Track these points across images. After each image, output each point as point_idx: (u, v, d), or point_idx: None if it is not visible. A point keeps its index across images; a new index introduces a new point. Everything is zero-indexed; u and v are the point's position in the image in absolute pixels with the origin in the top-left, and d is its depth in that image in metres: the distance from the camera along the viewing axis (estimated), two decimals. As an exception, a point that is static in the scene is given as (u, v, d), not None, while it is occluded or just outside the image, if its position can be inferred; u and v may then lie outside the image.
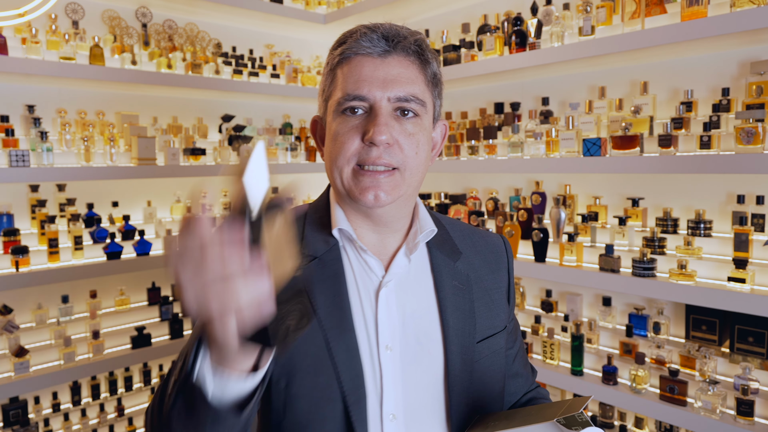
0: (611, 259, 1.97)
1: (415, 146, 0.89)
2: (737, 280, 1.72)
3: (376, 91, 0.87)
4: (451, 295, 0.96)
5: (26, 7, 2.19)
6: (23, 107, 2.44)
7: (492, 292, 1.02)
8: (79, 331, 2.48)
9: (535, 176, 2.52)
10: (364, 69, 0.88)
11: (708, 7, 1.75)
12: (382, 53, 0.88)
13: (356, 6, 2.97)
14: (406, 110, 0.88)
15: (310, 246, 0.94)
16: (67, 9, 2.55)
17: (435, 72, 0.93)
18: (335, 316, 0.89)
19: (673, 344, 2.05)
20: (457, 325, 0.95)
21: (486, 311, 1.00)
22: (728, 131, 1.83)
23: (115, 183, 2.71)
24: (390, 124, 0.87)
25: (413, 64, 0.90)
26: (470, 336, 0.95)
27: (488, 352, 0.98)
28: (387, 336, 0.90)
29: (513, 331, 1.10)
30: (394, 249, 0.97)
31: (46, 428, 2.35)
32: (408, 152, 0.88)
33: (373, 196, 0.87)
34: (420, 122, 0.90)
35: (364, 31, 0.89)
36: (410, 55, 0.89)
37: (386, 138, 0.85)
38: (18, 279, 2.14)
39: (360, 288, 0.93)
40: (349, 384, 0.86)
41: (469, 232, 1.07)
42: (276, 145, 3.08)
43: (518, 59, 2.24)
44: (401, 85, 0.87)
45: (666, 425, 2.02)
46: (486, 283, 1.02)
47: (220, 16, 2.97)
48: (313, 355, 0.87)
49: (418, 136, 0.89)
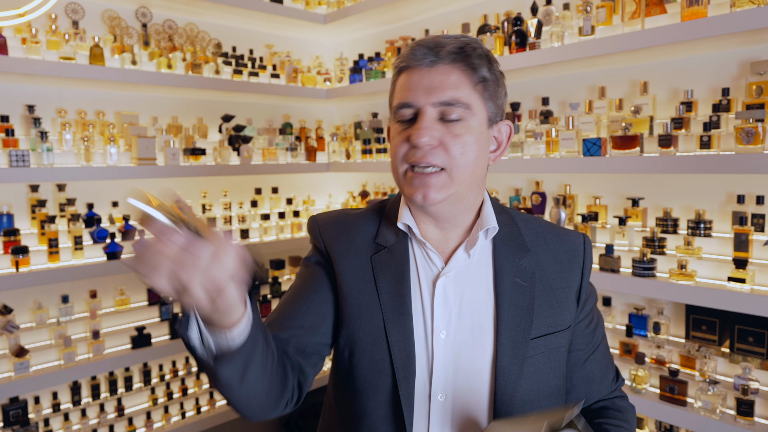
0: (611, 259, 1.97)
1: (461, 147, 0.94)
2: (737, 280, 1.72)
3: (420, 98, 0.95)
4: (509, 291, 1.01)
5: (26, 7, 2.19)
6: (23, 107, 2.44)
7: (558, 291, 1.04)
8: (79, 331, 2.48)
9: (535, 176, 2.52)
10: (411, 79, 0.97)
11: (708, 7, 1.75)
12: (429, 64, 0.95)
13: (356, 6, 2.97)
14: (450, 114, 0.94)
15: (382, 237, 1.07)
16: (67, 9, 2.55)
17: (484, 76, 0.97)
18: (394, 301, 1.01)
19: (673, 344, 2.05)
20: (511, 320, 0.99)
21: (548, 309, 1.02)
22: (728, 131, 1.83)
23: (115, 183, 2.70)
24: (433, 127, 0.94)
25: (457, 70, 0.95)
26: (525, 332, 0.99)
27: (545, 349, 1.01)
28: (442, 323, 0.99)
29: (587, 333, 1.09)
30: (456, 243, 1.04)
31: (46, 428, 2.35)
32: (454, 152, 0.94)
33: (421, 195, 0.95)
34: (466, 125, 0.95)
35: (416, 46, 0.97)
36: (454, 62, 0.95)
37: (427, 140, 0.93)
38: (18, 279, 2.14)
39: (421, 277, 1.02)
40: (400, 362, 0.97)
41: (545, 230, 1.10)
42: (276, 145, 3.08)
43: (518, 59, 2.24)
44: (443, 91, 0.94)
45: (666, 425, 2.02)
46: (553, 281, 1.04)
47: (220, 16, 2.97)
48: (372, 333, 1.00)
49: (465, 138, 0.95)
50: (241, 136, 2.90)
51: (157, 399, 2.67)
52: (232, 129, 2.93)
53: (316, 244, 1.12)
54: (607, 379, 1.12)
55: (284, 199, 3.23)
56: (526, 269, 1.03)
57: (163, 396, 2.71)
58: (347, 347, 1.03)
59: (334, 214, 1.14)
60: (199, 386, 2.83)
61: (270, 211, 3.15)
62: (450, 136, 0.94)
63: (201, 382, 2.83)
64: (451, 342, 0.99)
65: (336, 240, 1.09)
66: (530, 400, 0.99)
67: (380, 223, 1.09)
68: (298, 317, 1.05)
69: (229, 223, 2.91)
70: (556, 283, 1.05)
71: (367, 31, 3.35)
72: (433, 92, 0.94)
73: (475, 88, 0.96)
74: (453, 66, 0.95)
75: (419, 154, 0.94)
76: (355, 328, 1.02)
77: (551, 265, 1.06)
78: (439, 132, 0.94)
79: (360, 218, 1.11)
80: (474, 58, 0.96)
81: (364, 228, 1.09)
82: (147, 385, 2.65)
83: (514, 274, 1.02)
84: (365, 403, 1.00)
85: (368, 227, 1.09)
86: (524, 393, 0.98)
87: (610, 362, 1.14)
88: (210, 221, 2.83)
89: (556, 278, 1.05)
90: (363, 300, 1.03)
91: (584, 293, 1.08)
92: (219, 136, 3.02)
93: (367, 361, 1.00)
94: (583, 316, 1.09)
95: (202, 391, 2.82)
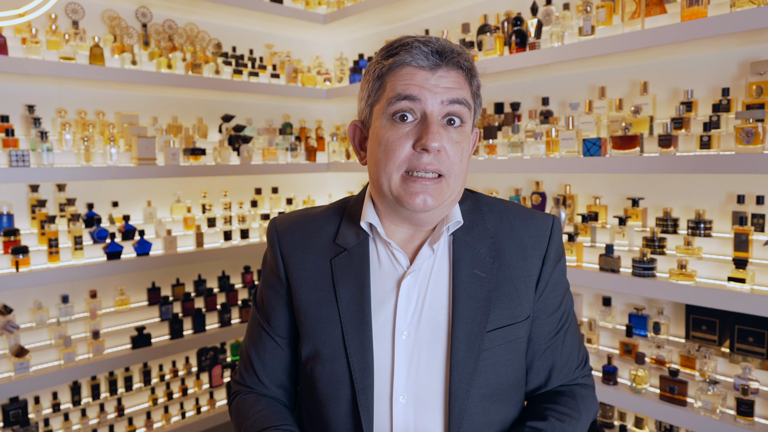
0: (611, 259, 1.97)
1: (459, 153, 0.93)
2: (737, 280, 1.72)
3: (427, 94, 0.91)
4: (466, 284, 0.98)
5: (26, 7, 2.19)
6: (23, 107, 2.44)
7: (517, 281, 1.01)
8: (79, 331, 2.48)
9: (535, 176, 2.52)
10: (416, 77, 0.92)
11: (708, 7, 1.75)
12: (434, 66, 0.92)
13: (356, 6, 2.97)
14: (452, 119, 0.93)
15: (342, 238, 1.04)
16: (67, 9, 2.55)
17: (479, 84, 0.99)
18: (354, 310, 0.98)
19: (673, 344, 2.05)
20: (466, 314, 0.97)
21: (507, 300, 0.99)
22: (728, 131, 1.83)
23: (115, 183, 2.71)
24: (440, 131, 0.91)
25: (461, 75, 0.94)
26: (480, 325, 0.97)
27: (502, 341, 0.98)
28: (404, 324, 0.98)
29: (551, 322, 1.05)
30: (421, 241, 1.02)
31: (46, 428, 2.35)
32: (454, 159, 0.92)
33: (422, 200, 0.92)
34: (463, 131, 0.95)
35: (418, 45, 0.92)
36: (459, 68, 0.94)
37: (438, 145, 0.90)
38: (18, 279, 2.14)
39: (385, 278, 1.00)
40: (358, 373, 0.96)
41: (511, 213, 1.06)
42: (276, 145, 3.08)
43: (518, 59, 2.24)
44: (452, 90, 0.92)
45: (666, 425, 2.02)
46: (514, 270, 1.01)
47: (220, 16, 2.97)
48: (331, 345, 0.99)
49: (463, 144, 0.94)
50: (241, 136, 2.90)
51: (157, 399, 2.67)
52: (232, 129, 2.93)
53: (273, 255, 1.08)
54: (569, 366, 1.08)
55: (284, 199, 3.23)
56: (486, 259, 1.00)
57: (163, 396, 2.71)
58: (309, 361, 1.02)
59: (293, 216, 1.11)
60: (199, 386, 2.83)
61: (270, 211, 3.15)
62: (451, 142, 0.92)
63: (201, 382, 2.83)
64: (411, 342, 0.97)
65: (293, 249, 1.05)
66: (488, 394, 0.97)
67: (341, 222, 1.06)
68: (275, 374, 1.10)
69: (229, 223, 2.91)
70: (516, 272, 1.01)
71: (367, 31, 3.35)
72: (441, 91, 0.91)
73: (473, 95, 0.97)
74: (456, 71, 0.94)
75: (426, 159, 0.90)
76: (316, 342, 1.00)
77: (514, 252, 1.02)
78: (443, 137, 0.92)
79: (320, 219, 1.08)
80: (471, 67, 0.96)
81: (324, 229, 1.06)
82: (147, 385, 2.65)
83: (473, 265, 1.00)
84: (327, 414, 0.99)
85: (328, 228, 1.06)
86: (481, 387, 0.96)
87: (575, 349, 1.09)
88: (210, 221, 2.83)
89: (517, 266, 1.01)
90: (322, 313, 1.01)
91: (545, 280, 1.04)
92: (219, 136, 3.02)
93: (328, 373, 0.99)
94: (546, 304, 1.04)
95: (202, 391, 2.82)
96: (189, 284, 2.88)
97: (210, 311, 2.82)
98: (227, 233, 2.84)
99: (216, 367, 2.83)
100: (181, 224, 2.78)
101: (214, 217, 2.85)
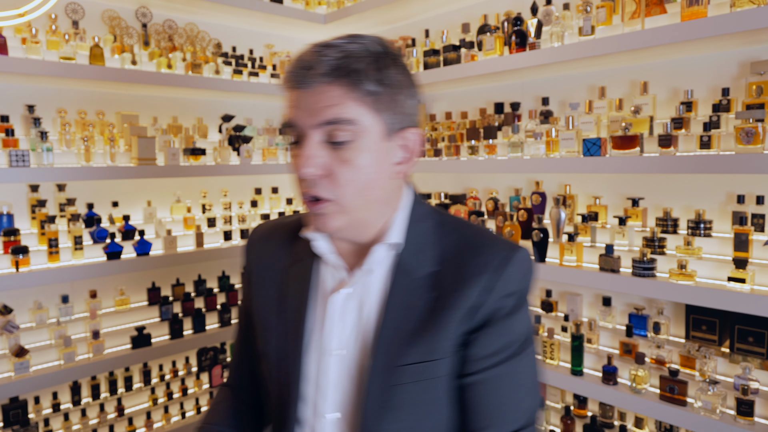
0: (611, 259, 1.97)
1: (350, 174, 0.86)
2: (737, 280, 1.72)
3: (301, 116, 0.86)
4: (396, 310, 0.91)
5: (26, 7, 2.19)
6: (23, 107, 2.44)
7: (451, 313, 0.89)
8: (79, 331, 2.48)
9: (535, 176, 2.52)
10: (293, 99, 0.88)
11: (708, 7, 1.75)
12: (305, 85, 0.85)
13: (356, 6, 2.97)
14: (336, 137, 0.85)
15: (298, 247, 1.03)
16: (67, 9, 2.55)
17: (371, 89, 0.85)
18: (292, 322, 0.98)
19: (673, 344, 2.05)
20: (388, 342, 0.90)
21: (432, 334, 0.89)
22: (728, 131, 1.83)
23: (115, 183, 2.71)
24: (318, 154, 0.85)
25: (337, 86, 0.84)
26: (397, 357, 0.89)
27: (418, 378, 0.88)
28: (334, 341, 0.95)
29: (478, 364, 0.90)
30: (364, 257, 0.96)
31: (46, 428, 2.35)
32: (341, 182, 0.86)
33: (316, 227, 0.91)
34: (356, 146, 0.86)
35: (293, 62, 0.87)
36: (335, 78, 0.84)
37: (312, 171, 0.85)
38: (18, 279, 2.14)
39: (320, 294, 0.98)
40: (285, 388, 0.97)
41: (469, 240, 0.94)
42: (276, 145, 3.08)
43: (518, 59, 2.24)
44: (323, 111, 0.84)
45: (666, 425, 2.02)
46: (450, 301, 0.89)
47: (220, 16, 2.97)
48: (271, 354, 1.00)
49: (356, 161, 0.86)
50: (241, 136, 2.90)
51: (157, 399, 2.67)
52: (232, 129, 2.93)
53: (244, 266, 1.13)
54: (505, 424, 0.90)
55: (284, 199, 3.22)
56: (424, 286, 0.91)
57: (163, 396, 2.71)
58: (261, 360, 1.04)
59: (269, 226, 1.12)
60: (199, 386, 2.83)
61: (270, 211, 3.15)
62: (338, 162, 0.85)
63: (201, 382, 2.83)
64: (341, 362, 0.94)
65: (259, 259, 1.08)
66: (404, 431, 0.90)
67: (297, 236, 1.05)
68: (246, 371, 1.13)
69: (229, 223, 2.91)
70: (453, 303, 0.89)
71: (367, 31, 3.34)
72: (313, 114, 0.85)
73: (362, 103, 0.85)
74: (332, 83, 0.84)
75: (305, 185, 0.88)
76: (262, 346, 1.02)
77: (457, 282, 0.90)
78: (325, 158, 0.86)
79: (288, 227, 1.08)
80: (357, 71, 0.84)
81: (287, 238, 1.06)
82: (147, 385, 2.65)
83: (408, 292, 0.91)
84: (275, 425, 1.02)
85: (291, 237, 1.05)
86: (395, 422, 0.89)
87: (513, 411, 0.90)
88: (210, 221, 2.83)
89: (455, 297, 0.89)
90: (269, 320, 1.01)
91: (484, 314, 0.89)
92: (219, 136, 3.02)
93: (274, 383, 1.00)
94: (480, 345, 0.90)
95: (202, 391, 2.82)
96: (189, 284, 2.88)
97: (210, 311, 2.82)
98: (227, 233, 2.84)
99: (216, 367, 2.83)
100: (181, 224, 2.78)
101: (214, 217, 2.85)
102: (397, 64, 0.90)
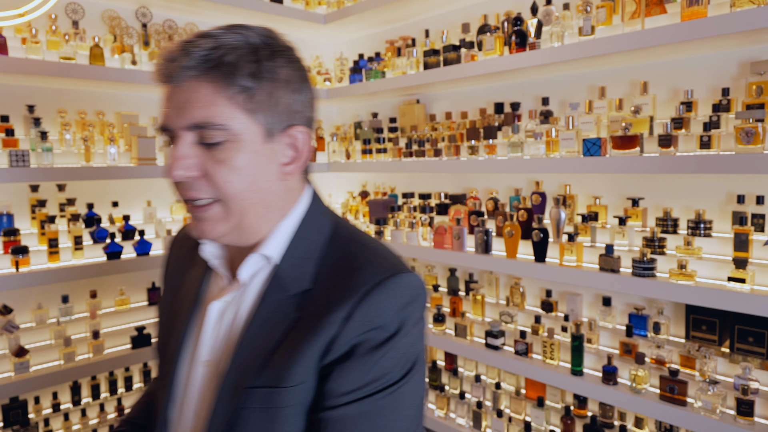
0: (611, 259, 1.97)
1: (227, 174, 0.79)
2: (737, 280, 1.72)
3: (171, 116, 0.80)
4: (258, 328, 0.84)
5: (26, 7, 2.19)
6: (23, 107, 2.44)
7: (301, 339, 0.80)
8: (79, 331, 2.48)
9: (535, 176, 2.52)
10: (164, 93, 0.82)
11: (708, 7, 1.75)
12: (173, 77, 0.79)
13: (356, 6, 2.97)
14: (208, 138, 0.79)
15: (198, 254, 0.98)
16: (67, 9, 2.55)
17: (245, 85, 0.78)
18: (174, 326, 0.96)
19: (673, 344, 2.05)
20: (241, 361, 0.83)
21: (284, 359, 0.80)
22: (728, 131, 1.83)
23: (115, 183, 2.71)
24: (190, 155, 0.80)
25: (206, 84, 0.78)
26: (246, 378, 0.81)
27: (261, 404, 0.80)
28: (204, 351, 0.90)
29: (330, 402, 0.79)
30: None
31: (46, 428, 2.35)
32: (218, 182, 0.80)
33: (197, 232, 0.85)
34: (232, 146, 0.79)
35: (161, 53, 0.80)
36: (204, 73, 0.78)
37: (183, 173, 0.79)
38: (18, 279, 2.14)
39: (206, 301, 0.94)
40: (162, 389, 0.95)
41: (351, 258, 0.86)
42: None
43: (518, 59, 2.24)
44: (190, 112, 0.78)
45: (666, 425, 2.02)
46: (307, 327, 0.81)
47: (220, 16, 2.97)
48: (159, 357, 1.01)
49: (232, 162, 0.79)
50: (241, 136, 2.90)
51: (157, 399, 2.67)
52: (232, 129, 2.93)
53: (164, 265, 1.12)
54: None
55: (284, 199, 3.22)
56: (291, 305, 0.83)
57: (163, 396, 2.71)
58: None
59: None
60: (199, 386, 2.83)
61: (270, 211, 3.15)
62: (212, 162, 0.79)
63: (201, 382, 2.83)
64: (206, 375, 0.89)
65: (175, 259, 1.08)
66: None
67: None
68: None
69: (229, 223, 2.90)
70: (311, 329, 0.80)
71: (367, 31, 3.35)
72: (182, 114, 0.79)
73: (233, 102, 0.78)
74: (200, 79, 0.78)
75: (182, 188, 0.82)
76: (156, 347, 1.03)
77: (320, 307, 0.81)
78: (198, 159, 0.80)
79: None
80: (228, 64, 0.77)
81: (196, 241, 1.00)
82: (147, 385, 2.64)
83: (275, 309, 0.84)
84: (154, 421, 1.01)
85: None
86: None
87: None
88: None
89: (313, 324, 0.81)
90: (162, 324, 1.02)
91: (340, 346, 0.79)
92: (219, 136, 3.01)
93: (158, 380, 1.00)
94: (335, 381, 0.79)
95: (202, 391, 2.82)
96: (189, 284, 2.88)
97: (210, 311, 2.82)
98: (227, 233, 2.84)
99: (216, 367, 2.83)
100: (181, 224, 2.77)
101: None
102: (282, 56, 0.83)
